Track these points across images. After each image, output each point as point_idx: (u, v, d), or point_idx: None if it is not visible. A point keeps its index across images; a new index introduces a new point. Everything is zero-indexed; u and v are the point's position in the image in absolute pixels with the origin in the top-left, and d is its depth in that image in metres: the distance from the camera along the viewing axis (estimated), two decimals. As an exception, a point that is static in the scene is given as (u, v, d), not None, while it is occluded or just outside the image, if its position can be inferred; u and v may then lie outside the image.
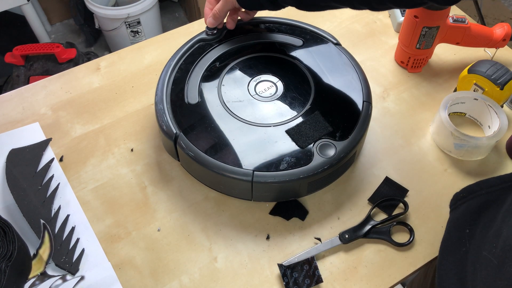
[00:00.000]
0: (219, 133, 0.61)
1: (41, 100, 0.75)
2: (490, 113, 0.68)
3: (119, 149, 0.69)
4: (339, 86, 0.66)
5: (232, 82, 0.66)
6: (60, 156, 0.68)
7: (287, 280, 0.56)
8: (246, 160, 0.58)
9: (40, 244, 0.58)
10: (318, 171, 0.57)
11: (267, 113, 0.63)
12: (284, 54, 0.70)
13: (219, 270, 0.58)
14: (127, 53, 0.82)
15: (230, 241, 0.60)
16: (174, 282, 0.57)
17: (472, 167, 0.67)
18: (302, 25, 0.74)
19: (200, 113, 0.63)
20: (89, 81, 0.78)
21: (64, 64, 1.57)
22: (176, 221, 0.62)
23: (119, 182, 0.66)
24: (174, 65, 0.68)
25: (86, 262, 0.58)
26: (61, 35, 2.07)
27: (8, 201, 0.63)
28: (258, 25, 0.74)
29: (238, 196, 0.63)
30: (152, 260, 0.59)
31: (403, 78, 0.78)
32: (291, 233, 0.61)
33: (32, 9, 1.69)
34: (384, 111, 0.74)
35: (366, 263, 0.58)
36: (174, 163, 0.67)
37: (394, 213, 0.62)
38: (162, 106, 0.63)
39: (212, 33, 0.71)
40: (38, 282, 0.56)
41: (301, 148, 0.59)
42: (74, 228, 0.61)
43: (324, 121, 0.62)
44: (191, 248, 0.59)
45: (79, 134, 0.71)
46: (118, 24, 1.75)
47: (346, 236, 0.59)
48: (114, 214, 0.62)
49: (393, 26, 0.86)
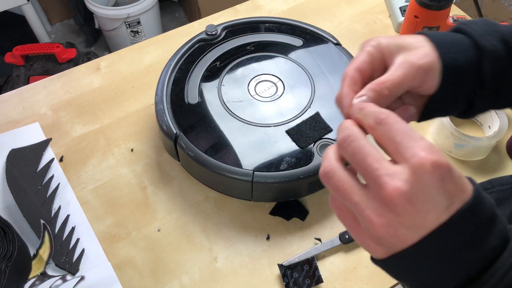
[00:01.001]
0: (219, 133, 0.61)
1: (41, 100, 0.75)
2: (490, 113, 0.68)
3: (119, 149, 0.69)
4: (339, 86, 0.66)
5: (232, 82, 0.66)
6: (60, 156, 0.68)
7: (287, 280, 0.56)
8: (246, 160, 0.58)
9: (40, 244, 0.58)
10: (318, 171, 0.57)
11: (267, 113, 0.63)
12: (284, 54, 0.70)
13: (219, 270, 0.58)
14: (127, 53, 0.82)
15: (230, 241, 0.60)
16: (174, 282, 0.57)
17: (473, 167, 0.67)
18: (302, 25, 0.74)
19: (200, 113, 0.63)
20: (89, 81, 0.78)
21: (64, 64, 1.57)
22: (176, 221, 0.62)
23: (119, 182, 0.65)
24: (174, 65, 0.68)
25: (86, 262, 0.58)
26: (61, 35, 2.07)
27: (8, 201, 0.62)
28: (258, 25, 0.74)
29: (238, 196, 0.63)
30: (152, 260, 0.59)
31: (403, 78, 0.78)
32: (291, 233, 0.61)
33: (32, 9, 1.69)
34: (384, 111, 0.73)
35: (366, 263, 0.58)
36: (174, 163, 0.67)
37: (394, 213, 0.62)
38: (162, 106, 0.63)
39: (212, 33, 0.71)
40: (38, 282, 0.56)
41: (301, 148, 0.59)
42: (74, 228, 0.61)
43: (324, 121, 0.62)
44: (191, 248, 0.59)
45: (79, 134, 0.71)
46: (118, 24, 1.75)
47: (347, 236, 0.59)
48: (114, 214, 0.62)
49: (393, 26, 0.86)
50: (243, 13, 0.88)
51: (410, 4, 0.73)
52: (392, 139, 0.28)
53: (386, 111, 0.29)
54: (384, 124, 0.29)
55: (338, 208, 0.31)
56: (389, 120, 0.29)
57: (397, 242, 0.27)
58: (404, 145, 0.27)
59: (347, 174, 0.30)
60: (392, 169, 0.27)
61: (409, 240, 0.27)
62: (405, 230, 0.27)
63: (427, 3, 0.69)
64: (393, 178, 0.26)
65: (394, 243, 0.28)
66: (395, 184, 0.26)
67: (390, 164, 0.27)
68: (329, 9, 0.88)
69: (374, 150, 0.28)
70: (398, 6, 0.85)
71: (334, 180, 0.30)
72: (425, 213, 0.26)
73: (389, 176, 0.27)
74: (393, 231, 0.27)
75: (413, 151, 0.27)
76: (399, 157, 0.27)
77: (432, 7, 0.70)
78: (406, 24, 0.74)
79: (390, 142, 0.28)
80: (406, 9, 0.79)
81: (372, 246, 0.30)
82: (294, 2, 0.90)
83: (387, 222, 0.27)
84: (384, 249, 0.29)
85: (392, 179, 0.26)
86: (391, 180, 0.26)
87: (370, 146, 0.28)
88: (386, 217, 0.27)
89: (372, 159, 0.28)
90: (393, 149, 0.28)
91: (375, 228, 0.27)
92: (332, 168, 0.30)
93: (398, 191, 0.26)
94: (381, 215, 0.27)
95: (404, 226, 0.27)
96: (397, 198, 0.26)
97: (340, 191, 0.29)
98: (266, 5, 0.89)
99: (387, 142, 0.29)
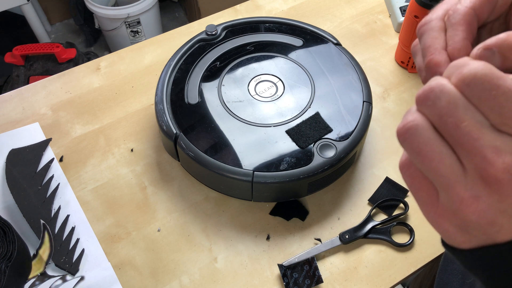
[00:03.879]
0: (219, 133, 0.61)
1: (41, 100, 0.75)
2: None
3: (119, 149, 0.69)
4: (339, 86, 0.66)
5: (232, 82, 0.66)
6: (60, 156, 0.68)
7: (287, 281, 0.56)
8: (246, 160, 0.58)
9: (40, 244, 0.58)
10: (318, 172, 0.57)
11: (267, 113, 0.63)
12: (284, 54, 0.70)
13: (219, 271, 0.58)
14: (127, 53, 0.82)
15: (230, 241, 0.60)
16: (174, 283, 0.57)
17: (473, 167, 0.67)
18: (302, 25, 0.74)
19: (200, 113, 0.63)
20: (89, 81, 0.78)
21: (64, 64, 1.57)
22: (176, 221, 0.62)
23: (119, 182, 0.65)
24: (174, 65, 0.68)
25: (86, 262, 0.58)
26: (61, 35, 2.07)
27: (8, 201, 0.62)
28: (258, 25, 0.74)
29: (238, 197, 0.62)
30: (152, 260, 0.59)
31: (403, 78, 0.78)
32: (291, 234, 0.61)
33: (32, 9, 1.69)
34: (385, 111, 0.73)
35: (366, 263, 0.58)
36: (174, 163, 0.67)
37: (394, 214, 0.62)
38: (162, 106, 0.63)
39: (212, 33, 0.71)
40: (38, 282, 0.56)
41: (301, 148, 0.59)
42: (74, 228, 0.61)
43: (324, 121, 0.62)
44: (191, 249, 0.59)
45: (79, 134, 0.71)
46: (118, 24, 1.75)
47: (346, 236, 0.59)
48: (114, 214, 0.62)
49: (393, 26, 0.86)
50: (243, 13, 0.88)
51: (410, 4, 0.73)
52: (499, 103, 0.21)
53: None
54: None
55: (412, 177, 0.25)
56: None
57: (493, 233, 0.22)
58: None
59: (436, 135, 0.23)
60: (501, 140, 0.21)
61: (510, 232, 0.22)
62: (505, 219, 0.21)
63: (427, 3, 0.69)
64: (501, 152, 0.21)
65: (487, 233, 0.22)
66: (506, 161, 0.21)
67: (497, 133, 0.21)
68: (329, 9, 0.88)
69: (472, 113, 0.21)
70: (398, 6, 0.85)
71: (417, 140, 0.23)
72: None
73: (496, 149, 0.21)
74: (491, 218, 0.21)
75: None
76: (507, 125, 0.21)
77: (432, 7, 0.70)
78: (406, 24, 0.74)
79: (495, 105, 0.21)
80: (406, 9, 0.79)
81: (450, 231, 0.24)
82: (294, 2, 0.90)
83: (486, 206, 0.21)
84: (469, 237, 0.23)
85: (500, 154, 0.21)
86: (500, 155, 0.21)
87: (465, 107, 0.22)
88: (485, 200, 0.21)
89: (472, 125, 0.21)
90: (505, 114, 0.21)
91: (467, 210, 0.22)
92: (416, 124, 0.23)
93: (510, 171, 0.20)
94: (478, 196, 0.21)
95: (506, 213, 0.21)
96: (508, 179, 0.20)
97: (423, 156, 0.23)
98: (266, 5, 0.89)
99: (492, 103, 0.21)
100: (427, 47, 0.28)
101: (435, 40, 0.28)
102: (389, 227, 0.60)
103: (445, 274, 0.55)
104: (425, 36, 0.29)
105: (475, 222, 0.22)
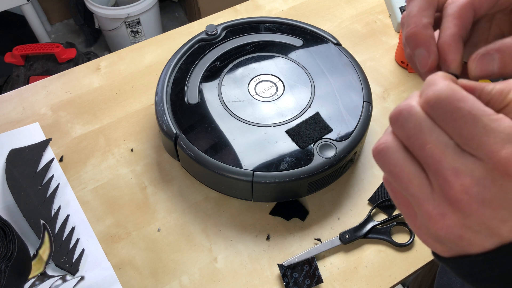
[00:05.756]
0: (219, 133, 0.61)
1: (41, 100, 0.75)
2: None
3: (119, 149, 0.69)
4: (339, 86, 0.66)
5: (232, 82, 0.66)
6: (60, 156, 0.68)
7: (287, 281, 0.56)
8: (246, 160, 0.58)
9: (40, 244, 0.58)
10: (318, 172, 0.57)
11: (267, 113, 0.63)
12: (284, 54, 0.70)
13: (219, 271, 0.58)
14: (127, 53, 0.82)
15: (230, 241, 0.60)
16: (174, 283, 0.57)
17: None
18: (302, 25, 0.74)
19: (200, 113, 0.63)
20: (89, 81, 0.78)
21: (64, 64, 1.57)
22: (176, 221, 0.62)
23: (119, 182, 0.65)
24: (174, 65, 0.68)
25: (86, 262, 0.58)
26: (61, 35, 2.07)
27: (8, 201, 0.62)
28: (258, 25, 0.74)
29: (238, 196, 0.63)
30: (152, 260, 0.59)
31: (403, 78, 0.78)
32: (291, 234, 0.61)
33: (32, 9, 1.69)
34: (385, 111, 0.73)
35: (366, 263, 0.58)
36: (174, 163, 0.67)
37: (394, 214, 0.62)
38: (162, 106, 0.63)
39: (212, 33, 0.71)
40: (38, 282, 0.56)
41: (301, 148, 0.59)
42: (74, 228, 0.61)
43: (324, 121, 0.62)
44: (191, 249, 0.59)
45: (79, 134, 0.71)
46: (118, 24, 1.75)
47: (346, 236, 0.59)
48: (114, 214, 0.62)
49: (393, 26, 0.86)
50: (243, 13, 0.88)
51: (410, 4, 0.73)
52: (463, 123, 0.21)
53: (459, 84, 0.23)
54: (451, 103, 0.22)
55: (393, 192, 0.26)
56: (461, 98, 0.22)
57: (464, 245, 0.23)
58: (479, 134, 0.21)
59: (406, 156, 0.24)
60: (460, 162, 0.22)
61: (480, 245, 0.23)
62: (472, 234, 0.22)
63: (427, 3, 0.69)
64: (460, 174, 0.21)
65: (460, 246, 0.23)
66: (464, 183, 0.21)
67: (459, 154, 0.22)
68: (329, 9, 0.88)
69: (437, 135, 0.22)
70: (398, 6, 0.85)
71: (388, 162, 0.24)
72: (501, 221, 0.22)
73: (455, 171, 0.21)
74: (457, 233, 0.23)
75: (491, 147, 0.21)
76: (471, 147, 0.22)
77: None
78: (406, 24, 0.74)
79: (460, 126, 0.22)
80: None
81: (429, 242, 0.25)
82: (294, 2, 0.90)
83: (452, 223, 0.22)
84: (446, 248, 0.24)
85: (459, 176, 0.21)
86: (459, 177, 0.21)
87: (430, 129, 0.22)
88: (451, 217, 0.22)
89: (435, 147, 0.22)
90: (464, 135, 0.22)
91: (436, 226, 0.23)
92: (387, 146, 0.24)
93: (467, 192, 0.21)
94: (444, 213, 0.22)
95: (472, 230, 0.22)
96: (467, 199, 0.21)
97: (394, 176, 0.24)
98: (266, 5, 0.89)
99: (453, 124, 0.22)
100: (412, 16, 0.28)
101: (422, 12, 0.28)
102: (389, 227, 0.60)
103: (446, 275, 0.56)
104: (413, 3, 0.28)
105: (444, 237, 0.23)
